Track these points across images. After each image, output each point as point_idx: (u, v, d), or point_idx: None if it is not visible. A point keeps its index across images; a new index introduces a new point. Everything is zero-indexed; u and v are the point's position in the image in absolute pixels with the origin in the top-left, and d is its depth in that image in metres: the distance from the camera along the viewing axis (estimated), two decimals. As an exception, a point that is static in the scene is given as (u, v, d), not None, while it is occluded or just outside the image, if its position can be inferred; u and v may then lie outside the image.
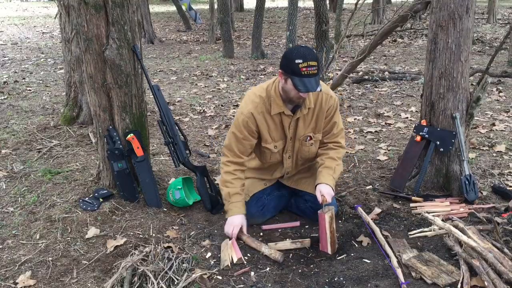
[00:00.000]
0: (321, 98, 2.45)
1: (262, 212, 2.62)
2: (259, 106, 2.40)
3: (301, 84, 2.20)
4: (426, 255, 2.24)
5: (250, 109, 2.40)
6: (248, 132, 2.43)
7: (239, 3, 21.12)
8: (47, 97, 5.84)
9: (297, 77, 2.20)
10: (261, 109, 2.40)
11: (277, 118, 2.44)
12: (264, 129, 2.45)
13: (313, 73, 2.20)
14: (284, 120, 2.45)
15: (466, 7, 2.69)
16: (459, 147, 2.87)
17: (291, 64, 2.19)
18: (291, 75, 2.22)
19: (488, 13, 13.91)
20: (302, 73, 2.18)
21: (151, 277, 2.04)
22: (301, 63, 2.17)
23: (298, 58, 2.18)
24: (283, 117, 2.44)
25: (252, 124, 2.42)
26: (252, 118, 2.40)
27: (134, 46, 2.67)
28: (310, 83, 2.20)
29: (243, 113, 2.41)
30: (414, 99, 5.50)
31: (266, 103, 2.41)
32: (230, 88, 6.43)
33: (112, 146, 2.76)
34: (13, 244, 2.44)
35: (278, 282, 2.14)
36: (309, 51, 2.21)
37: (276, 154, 2.55)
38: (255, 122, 2.41)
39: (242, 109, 2.43)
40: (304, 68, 2.18)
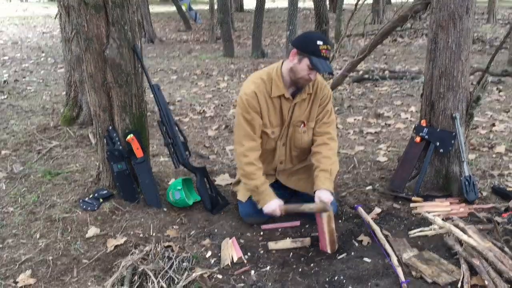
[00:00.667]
0: (317, 86, 2.51)
1: (262, 212, 2.62)
2: (260, 86, 2.42)
3: (319, 64, 2.27)
4: (426, 254, 2.25)
5: (253, 88, 2.41)
6: (254, 111, 2.42)
7: (239, 3, 21.11)
8: (47, 96, 5.84)
9: (315, 57, 2.27)
10: (262, 90, 2.42)
11: (277, 102, 2.45)
12: (265, 111, 2.45)
13: (328, 56, 2.31)
14: (284, 105, 2.46)
15: (466, 7, 2.69)
16: (459, 148, 2.87)
17: (312, 45, 2.27)
18: (309, 55, 2.28)
19: (488, 13, 13.91)
20: (321, 54, 2.27)
21: (151, 276, 2.04)
22: (322, 45, 2.27)
23: (319, 40, 2.28)
24: (282, 101, 2.45)
25: (256, 104, 2.41)
26: (255, 98, 2.41)
27: (135, 46, 2.67)
28: (327, 65, 2.29)
29: (247, 93, 2.41)
30: (414, 98, 5.50)
31: (267, 85, 2.42)
32: (230, 87, 6.43)
33: (112, 147, 2.76)
34: (13, 243, 2.44)
35: (278, 281, 2.14)
36: (326, 37, 2.34)
37: (271, 140, 2.54)
38: (258, 102, 2.41)
39: (245, 90, 2.43)
40: (324, 50, 2.27)
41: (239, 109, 2.45)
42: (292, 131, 2.54)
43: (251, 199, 2.60)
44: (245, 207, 2.62)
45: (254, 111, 2.42)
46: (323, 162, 2.48)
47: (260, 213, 2.61)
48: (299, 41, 2.34)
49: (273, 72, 2.43)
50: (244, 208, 2.63)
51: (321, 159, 2.50)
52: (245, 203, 2.62)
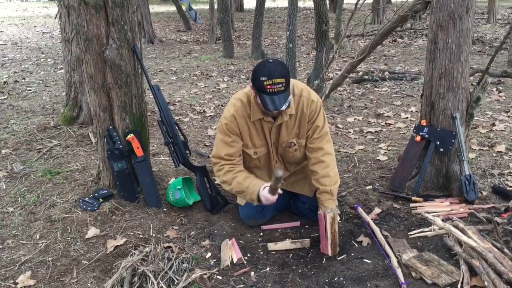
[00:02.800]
0: (303, 103, 2.39)
1: (262, 213, 2.62)
2: (240, 109, 2.38)
3: (268, 101, 2.17)
4: (426, 255, 2.24)
5: (232, 112, 2.38)
6: (234, 134, 2.41)
7: (239, 3, 21.12)
8: (47, 97, 5.84)
9: (264, 94, 2.17)
10: (242, 113, 2.38)
11: (258, 123, 2.42)
12: (245, 133, 2.42)
13: (280, 90, 2.15)
14: (265, 126, 2.42)
15: (466, 7, 2.69)
16: (459, 147, 2.87)
17: (257, 81, 2.17)
18: (258, 92, 2.20)
19: (488, 13, 13.91)
20: (267, 90, 2.15)
21: (151, 277, 2.04)
22: (266, 81, 2.13)
23: (263, 75, 2.14)
24: (263, 123, 2.41)
25: (235, 127, 2.40)
26: (234, 121, 2.38)
27: (134, 46, 2.67)
28: (279, 100, 2.16)
29: (226, 118, 2.39)
30: (414, 99, 5.50)
31: (246, 107, 2.39)
32: (230, 88, 6.42)
33: (112, 146, 2.76)
34: (13, 244, 2.44)
35: (278, 282, 2.14)
36: (276, 67, 2.16)
37: (255, 160, 2.52)
38: (237, 124, 2.39)
39: (225, 114, 2.42)
40: (269, 86, 2.14)
41: (218, 133, 2.45)
42: (283, 150, 2.51)
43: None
44: (245, 209, 2.62)
45: (234, 134, 2.41)
46: (323, 183, 2.39)
47: (260, 215, 2.61)
48: (252, 74, 2.24)
49: (251, 96, 2.36)
50: (244, 210, 2.62)
51: (320, 180, 2.41)
52: (244, 206, 2.61)
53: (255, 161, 2.53)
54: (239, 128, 2.40)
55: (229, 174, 2.43)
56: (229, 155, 2.43)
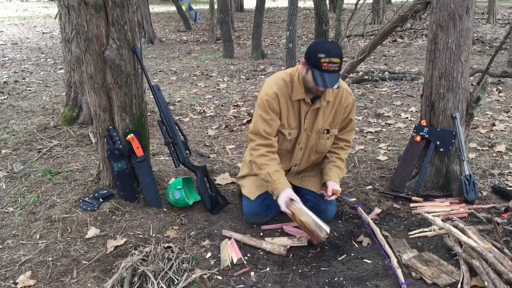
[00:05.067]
0: (341, 94, 2.48)
1: (267, 212, 2.62)
2: (282, 88, 2.41)
3: (320, 78, 2.21)
4: (426, 255, 2.24)
5: (275, 90, 2.40)
6: (274, 112, 2.42)
7: (239, 3, 21.12)
8: (47, 97, 5.84)
9: (317, 71, 2.21)
10: (283, 92, 2.41)
11: (296, 104, 2.45)
12: (284, 112, 2.45)
13: (334, 69, 2.21)
14: (302, 109, 2.45)
15: (466, 7, 2.69)
16: (459, 147, 2.87)
17: (314, 57, 2.20)
18: (312, 68, 2.24)
19: (488, 13, 13.92)
20: (323, 68, 2.19)
21: (151, 277, 2.04)
22: (323, 58, 2.18)
23: (321, 52, 2.19)
24: (301, 105, 2.44)
25: (276, 105, 2.42)
26: (276, 99, 2.40)
27: (134, 46, 2.67)
28: (330, 79, 2.21)
29: (268, 94, 2.40)
30: (414, 99, 5.50)
31: (288, 87, 2.41)
32: (230, 88, 6.43)
33: (112, 146, 2.76)
34: (13, 244, 2.44)
35: (278, 282, 2.14)
36: (334, 47, 2.21)
37: (287, 142, 2.54)
38: (278, 103, 2.41)
39: (266, 90, 2.42)
40: (325, 64, 2.18)
41: (258, 108, 2.44)
42: (316, 137, 2.54)
43: (257, 199, 2.58)
44: (251, 205, 2.59)
45: (274, 112, 2.42)
46: (339, 162, 2.59)
47: (265, 214, 2.61)
48: (307, 50, 2.29)
49: (295, 76, 2.41)
50: (250, 206, 2.60)
51: (336, 159, 2.60)
52: (253, 201, 2.59)
53: (286, 143, 2.54)
54: (280, 107, 2.42)
55: (262, 159, 2.44)
56: (268, 133, 2.44)
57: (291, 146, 2.57)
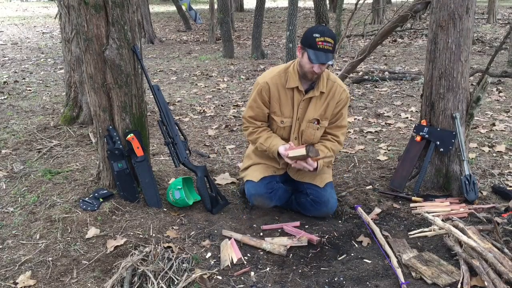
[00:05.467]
0: (335, 88, 2.58)
1: (271, 195, 2.63)
2: (275, 77, 2.54)
3: (314, 56, 2.33)
4: (426, 255, 2.24)
5: (266, 79, 2.54)
6: (261, 100, 2.57)
7: (239, 3, 21.12)
8: (47, 97, 5.84)
9: (312, 50, 2.34)
10: (276, 81, 2.54)
11: (289, 93, 2.55)
12: (275, 100, 2.56)
13: (328, 48, 2.34)
14: (295, 97, 2.55)
15: (466, 7, 2.69)
16: (459, 147, 2.87)
17: (309, 38, 2.35)
18: (307, 48, 2.36)
19: (488, 13, 13.92)
20: (317, 46, 2.33)
21: (151, 277, 2.04)
22: (318, 37, 2.33)
23: (316, 32, 2.35)
24: (295, 94, 2.54)
25: (266, 94, 2.55)
26: (266, 88, 2.54)
27: (134, 46, 2.67)
28: (323, 56, 2.34)
29: (259, 83, 2.56)
30: (414, 99, 5.50)
31: (282, 77, 2.54)
32: (230, 88, 6.43)
33: (112, 146, 2.76)
34: (13, 244, 2.44)
35: (278, 282, 2.14)
36: (328, 30, 2.38)
37: (282, 130, 2.64)
38: (268, 92, 2.54)
39: (259, 79, 2.58)
40: (320, 42, 2.32)
41: (254, 89, 2.61)
42: (306, 126, 2.61)
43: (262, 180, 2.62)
44: (255, 186, 2.63)
45: (262, 100, 2.57)
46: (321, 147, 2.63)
47: (269, 196, 2.63)
48: (303, 35, 2.43)
49: (291, 66, 2.56)
50: (254, 186, 2.64)
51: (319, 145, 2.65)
52: (257, 183, 2.64)
53: (281, 131, 2.64)
54: (270, 96, 2.56)
55: (253, 135, 2.65)
56: (253, 118, 2.63)
57: (286, 135, 2.66)
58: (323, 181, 2.67)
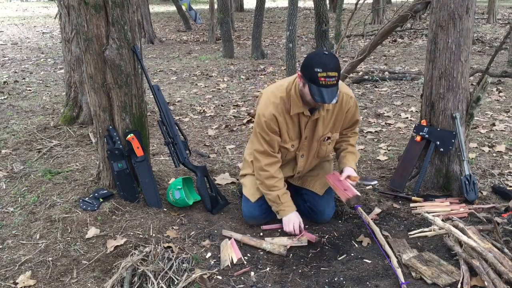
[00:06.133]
0: (341, 99, 2.44)
1: (265, 215, 2.64)
2: (279, 106, 2.38)
3: (318, 93, 2.15)
4: (426, 255, 2.24)
5: (272, 111, 2.37)
6: (272, 133, 2.43)
7: (239, 3, 21.12)
8: (47, 97, 5.84)
9: (315, 86, 2.15)
10: (281, 110, 2.38)
11: (295, 117, 2.43)
12: (284, 129, 2.44)
13: (332, 83, 2.14)
14: (302, 120, 2.44)
15: (466, 7, 2.69)
16: (459, 147, 2.87)
17: (310, 71, 2.14)
18: (309, 82, 2.18)
19: (488, 13, 13.91)
20: (320, 82, 2.13)
21: (151, 277, 2.04)
22: (320, 73, 2.12)
23: (318, 66, 2.12)
24: (301, 117, 2.43)
25: (275, 126, 2.41)
26: (274, 120, 2.39)
27: (134, 46, 2.67)
28: (327, 94, 2.15)
29: (265, 116, 2.38)
30: (414, 99, 5.50)
31: (286, 104, 2.38)
32: (230, 88, 6.43)
33: (112, 146, 2.76)
34: (13, 244, 2.44)
35: (278, 282, 2.14)
36: (331, 60, 2.15)
37: (292, 152, 2.55)
38: (277, 123, 2.41)
39: (263, 111, 2.39)
40: (322, 78, 2.12)
41: (257, 128, 2.45)
42: (317, 145, 2.54)
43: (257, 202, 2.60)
44: (251, 208, 2.61)
45: (273, 132, 2.42)
46: (350, 148, 2.60)
47: (263, 217, 2.62)
48: (303, 64, 2.23)
49: (292, 90, 2.36)
50: (250, 208, 2.62)
51: (347, 146, 2.62)
52: (252, 204, 2.61)
53: (290, 154, 2.56)
54: (279, 125, 2.42)
55: (271, 180, 2.49)
56: (272, 151, 2.48)
57: (293, 155, 2.58)
58: (323, 187, 2.65)
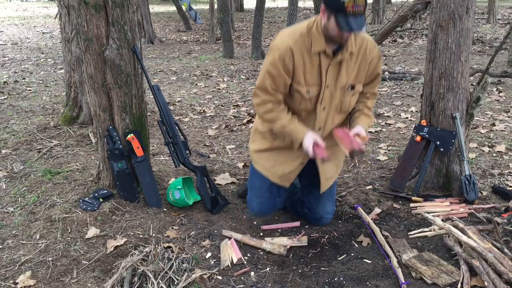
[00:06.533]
0: (366, 46, 2.20)
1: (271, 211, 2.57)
2: (298, 41, 2.12)
3: (344, 22, 1.95)
4: (426, 255, 2.24)
5: (290, 44, 2.11)
6: (284, 69, 2.14)
7: (239, 3, 21.12)
8: (47, 97, 5.84)
9: (341, 15, 1.95)
10: (300, 45, 2.12)
11: (315, 58, 2.15)
12: (300, 68, 2.16)
13: (359, 12, 1.95)
14: (323, 62, 2.16)
15: (466, 7, 2.69)
16: (459, 147, 2.87)
17: (336, 0, 1.95)
18: (335, 12, 1.97)
19: (488, 13, 13.91)
20: (347, 11, 1.93)
21: (151, 277, 2.04)
22: (348, 1, 1.93)
23: None
24: (322, 59, 2.15)
25: (290, 61, 2.13)
26: (289, 54, 2.11)
27: (134, 46, 2.67)
28: (355, 22, 1.95)
29: (280, 49, 2.11)
30: (414, 99, 5.50)
31: (306, 40, 2.12)
32: (230, 88, 6.43)
33: (112, 146, 2.77)
34: (13, 244, 2.44)
35: (278, 282, 2.14)
36: None
37: (306, 102, 2.24)
38: (292, 58, 2.13)
39: (278, 44, 2.13)
40: (350, 5, 1.92)
41: (267, 61, 2.18)
42: (341, 94, 2.25)
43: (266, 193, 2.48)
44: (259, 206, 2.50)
45: (284, 69, 2.15)
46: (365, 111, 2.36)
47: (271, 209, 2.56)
48: None
49: (314, 26, 2.12)
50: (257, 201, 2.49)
51: (363, 108, 2.37)
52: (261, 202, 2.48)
53: (305, 103, 2.24)
54: (294, 63, 2.14)
55: (271, 114, 2.23)
56: (274, 89, 2.19)
57: (311, 107, 2.27)
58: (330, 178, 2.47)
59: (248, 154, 3.74)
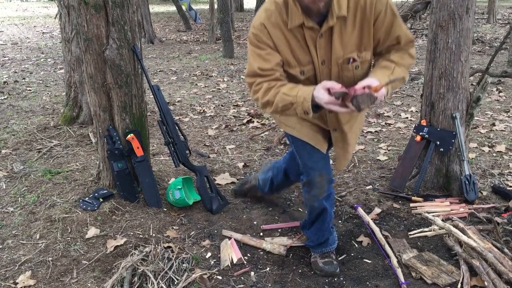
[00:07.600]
0: (364, 2, 1.78)
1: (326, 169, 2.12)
2: (273, 15, 1.81)
3: None
4: (426, 255, 2.24)
5: (262, 19, 1.82)
6: (266, 45, 1.83)
7: (239, 3, 21.11)
8: (47, 97, 5.84)
9: None
10: (275, 19, 1.81)
11: (299, 33, 1.82)
12: (284, 46, 1.84)
13: None
14: (308, 37, 1.81)
15: (466, 7, 2.69)
16: (459, 147, 2.87)
17: None
18: None
19: (488, 13, 13.91)
20: None
21: (151, 277, 2.04)
22: None
23: None
24: (306, 32, 1.81)
25: (267, 38, 1.82)
26: (264, 31, 1.81)
27: (134, 46, 2.67)
28: None
29: (254, 26, 1.84)
30: (414, 99, 5.50)
31: (282, 12, 1.80)
32: (230, 88, 6.42)
33: (112, 146, 2.77)
34: (13, 244, 2.44)
35: (278, 282, 2.14)
36: None
37: (306, 82, 1.88)
38: (269, 35, 1.82)
39: (254, 21, 1.86)
40: None
41: (249, 45, 1.89)
42: (338, 70, 1.87)
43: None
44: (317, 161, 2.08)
45: (266, 45, 1.83)
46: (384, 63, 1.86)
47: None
48: None
49: None
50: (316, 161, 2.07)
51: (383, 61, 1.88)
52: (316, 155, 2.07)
53: (305, 83, 1.86)
54: (273, 40, 1.83)
55: (271, 91, 1.84)
56: (264, 69, 1.84)
57: None
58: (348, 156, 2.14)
59: (248, 154, 3.75)
